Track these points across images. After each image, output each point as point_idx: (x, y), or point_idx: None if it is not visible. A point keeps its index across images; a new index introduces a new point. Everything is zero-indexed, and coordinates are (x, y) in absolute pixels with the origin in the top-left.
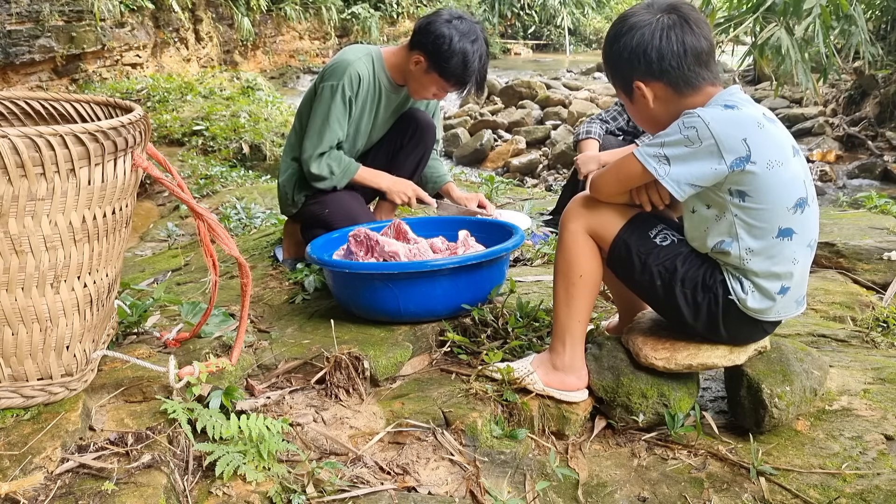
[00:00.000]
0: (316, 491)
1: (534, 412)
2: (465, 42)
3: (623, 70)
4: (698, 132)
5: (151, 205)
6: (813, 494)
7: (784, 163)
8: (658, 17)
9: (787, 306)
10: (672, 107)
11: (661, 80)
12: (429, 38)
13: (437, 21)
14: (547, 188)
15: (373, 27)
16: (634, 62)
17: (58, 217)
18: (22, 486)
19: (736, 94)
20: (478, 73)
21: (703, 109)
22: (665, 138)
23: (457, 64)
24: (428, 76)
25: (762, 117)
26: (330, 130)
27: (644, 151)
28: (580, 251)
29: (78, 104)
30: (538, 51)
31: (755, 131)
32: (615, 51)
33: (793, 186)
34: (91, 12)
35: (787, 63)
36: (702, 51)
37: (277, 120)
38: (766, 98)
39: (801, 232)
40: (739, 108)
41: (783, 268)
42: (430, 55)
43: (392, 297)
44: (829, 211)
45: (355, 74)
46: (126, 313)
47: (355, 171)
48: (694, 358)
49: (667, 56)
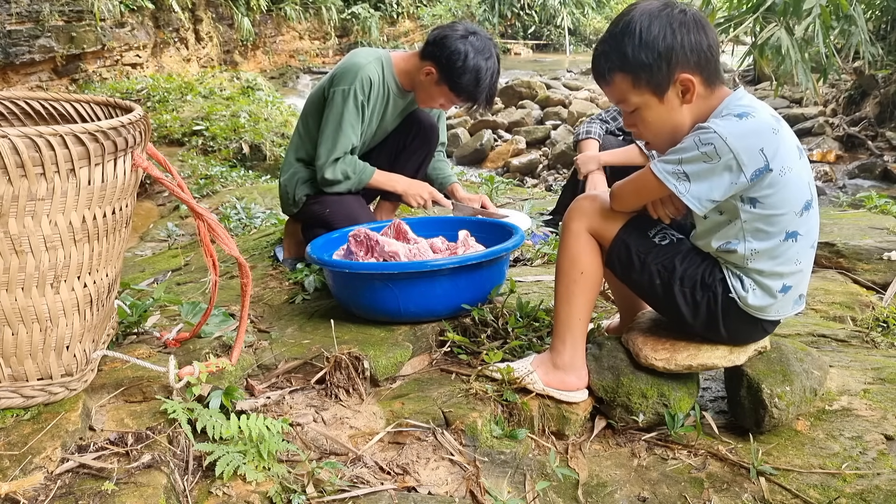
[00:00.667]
0: (316, 491)
1: (534, 412)
2: (480, 59)
3: (659, 62)
4: (716, 148)
5: (151, 205)
6: (813, 494)
7: (793, 167)
8: (675, 10)
9: (787, 305)
10: (703, 104)
11: (701, 72)
12: (443, 52)
13: (452, 36)
14: (547, 188)
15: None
16: (682, 51)
17: (58, 217)
18: (22, 486)
19: (745, 97)
20: (488, 89)
21: (718, 123)
22: (682, 154)
23: (469, 81)
24: (438, 88)
25: (775, 121)
26: (344, 136)
27: (662, 168)
28: (582, 250)
29: (78, 104)
30: (538, 51)
31: (771, 139)
32: (650, 40)
33: (800, 190)
34: (91, 12)
35: (787, 63)
36: (717, 43)
37: (277, 120)
38: (767, 98)
39: (806, 233)
40: (752, 116)
41: (786, 268)
42: (442, 69)
43: (392, 297)
44: (829, 211)
45: (367, 79)
46: (126, 313)
47: (370, 175)
48: (694, 358)
49: (704, 45)
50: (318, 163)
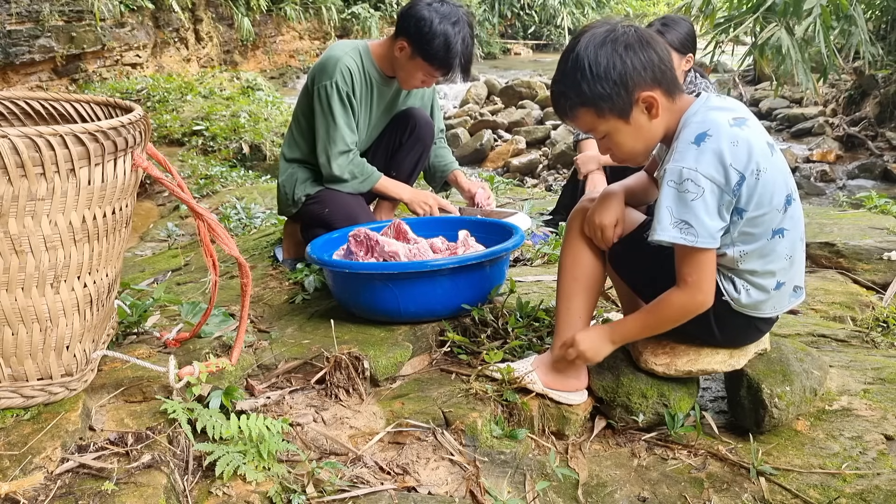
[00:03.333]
0: (316, 491)
1: (534, 412)
2: (446, 24)
3: (617, 90)
4: (693, 182)
5: (151, 205)
6: (813, 494)
7: (767, 167)
8: (618, 33)
9: (783, 299)
10: (669, 116)
11: (660, 85)
12: (410, 21)
13: (418, 4)
14: (547, 188)
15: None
16: (636, 73)
17: (58, 217)
18: (22, 486)
19: (699, 111)
20: (461, 55)
21: (679, 161)
22: (668, 203)
23: (439, 46)
24: (413, 62)
25: (734, 128)
26: (338, 129)
27: (666, 235)
28: (583, 250)
29: (78, 104)
30: (538, 51)
31: (734, 151)
32: (601, 72)
33: (778, 186)
34: (91, 12)
35: (787, 63)
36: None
37: (277, 120)
38: (766, 98)
39: (792, 227)
40: (709, 136)
41: (777, 265)
42: (412, 39)
43: (392, 297)
44: (829, 211)
45: (345, 69)
46: (126, 313)
47: (377, 180)
48: (694, 364)
49: (656, 60)
50: (321, 160)
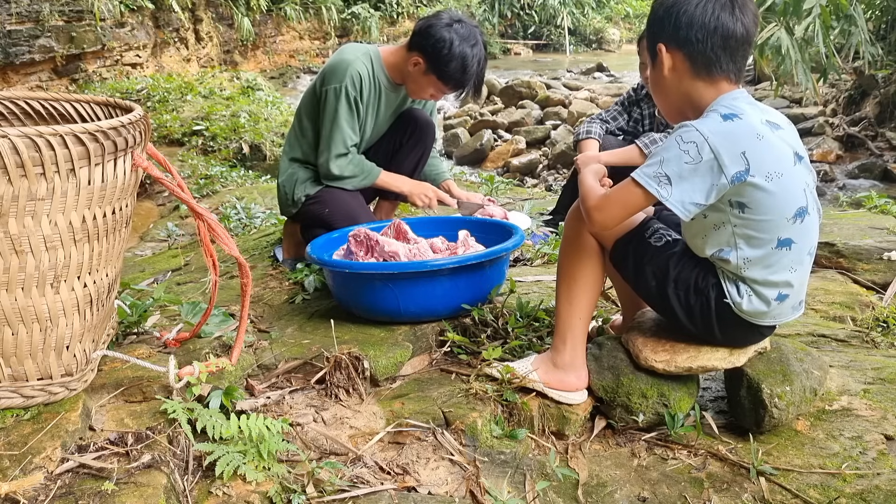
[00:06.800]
0: (316, 491)
1: (534, 412)
2: (465, 46)
3: (653, 28)
4: (698, 147)
5: (151, 205)
6: (813, 494)
7: (784, 173)
8: None
9: (784, 312)
10: (684, 84)
11: (683, 49)
12: (428, 41)
13: (437, 24)
14: (547, 188)
15: (373, 27)
16: (665, 22)
17: (58, 217)
18: (22, 486)
19: (739, 99)
20: (476, 76)
21: (701, 122)
22: (663, 154)
23: (456, 68)
24: (426, 78)
25: (763, 126)
26: (341, 132)
27: (643, 173)
28: (583, 250)
29: (78, 104)
30: (538, 51)
31: (754, 144)
32: (654, 7)
33: (792, 197)
34: (91, 12)
35: (787, 63)
36: (732, 35)
37: (277, 120)
38: (766, 98)
39: (801, 241)
40: (739, 118)
41: (781, 276)
42: (429, 58)
43: (392, 297)
44: (829, 211)
45: (356, 74)
46: (126, 313)
47: (377, 176)
48: (694, 360)
49: (695, 25)
50: (321, 160)
